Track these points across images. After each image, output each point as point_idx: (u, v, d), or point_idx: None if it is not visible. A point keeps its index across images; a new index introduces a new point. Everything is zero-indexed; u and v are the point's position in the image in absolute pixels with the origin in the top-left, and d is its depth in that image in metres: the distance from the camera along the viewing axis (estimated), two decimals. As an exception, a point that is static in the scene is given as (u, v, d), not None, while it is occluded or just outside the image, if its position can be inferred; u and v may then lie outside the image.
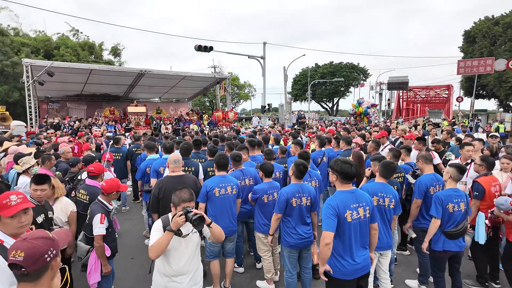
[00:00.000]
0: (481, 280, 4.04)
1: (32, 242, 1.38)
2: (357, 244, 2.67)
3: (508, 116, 24.87)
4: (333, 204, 2.60)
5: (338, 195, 2.67)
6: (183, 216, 2.32)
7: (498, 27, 34.23)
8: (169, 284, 2.54)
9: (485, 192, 3.82)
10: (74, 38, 32.24)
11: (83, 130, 12.66)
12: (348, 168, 2.63)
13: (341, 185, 2.71)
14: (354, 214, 2.62)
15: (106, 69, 16.81)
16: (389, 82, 30.78)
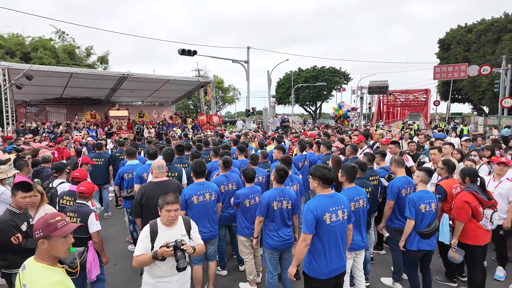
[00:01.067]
0: (450, 276, 4.31)
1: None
2: (335, 245, 2.81)
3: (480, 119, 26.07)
4: (312, 207, 2.74)
5: (317, 199, 2.82)
6: (172, 250, 2.44)
7: (471, 35, 35.86)
8: (158, 284, 2.62)
9: (447, 194, 4.08)
10: (60, 40, 31.52)
11: (63, 135, 12.41)
12: (328, 173, 2.80)
13: (322, 190, 2.85)
14: (333, 216, 2.76)
15: (88, 72, 16.54)
16: (369, 86, 31.60)
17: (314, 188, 2.92)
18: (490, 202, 3.70)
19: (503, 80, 24.68)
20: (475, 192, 3.66)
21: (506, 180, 4.33)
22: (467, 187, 3.73)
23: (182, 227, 2.75)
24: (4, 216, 2.96)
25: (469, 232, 3.70)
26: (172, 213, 2.60)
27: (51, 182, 4.36)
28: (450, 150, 5.74)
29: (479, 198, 3.64)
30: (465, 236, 3.73)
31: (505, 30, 31.47)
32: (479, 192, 3.67)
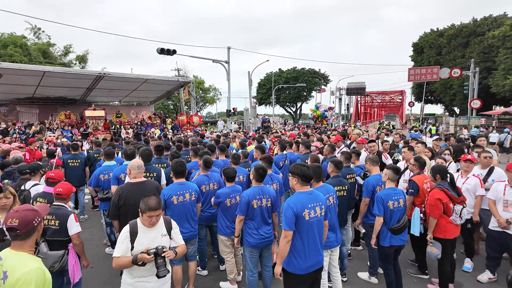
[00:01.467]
0: (422, 269, 4.52)
1: (23, 212, 1.94)
2: (314, 240, 2.89)
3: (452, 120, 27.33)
4: (291, 204, 2.81)
5: (296, 196, 2.90)
6: (152, 257, 2.41)
7: (442, 39, 37.51)
8: (137, 284, 2.59)
9: (419, 189, 4.29)
10: (35, 37, 30.23)
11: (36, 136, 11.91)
12: (307, 171, 2.89)
13: (301, 187, 2.93)
14: (312, 213, 2.84)
15: (62, 71, 15.90)
16: (347, 88, 32.36)
17: (294, 186, 2.99)
18: (460, 198, 3.91)
19: (471, 82, 25.99)
20: (446, 189, 3.85)
21: (473, 176, 4.59)
22: (439, 184, 3.92)
23: (163, 226, 2.72)
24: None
25: (440, 227, 3.90)
26: (154, 219, 2.57)
27: (22, 184, 4.19)
28: (422, 149, 5.99)
29: (450, 195, 3.84)
30: (436, 230, 3.93)
31: (474, 35, 33.16)
32: (450, 189, 3.88)
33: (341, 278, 4.22)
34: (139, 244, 2.53)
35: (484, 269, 4.41)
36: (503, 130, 16.51)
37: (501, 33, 25.74)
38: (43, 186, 3.96)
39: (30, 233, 1.95)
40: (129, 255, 2.51)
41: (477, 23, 33.98)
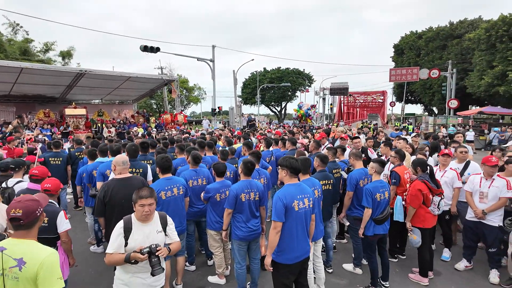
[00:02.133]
0: (392, 252, 4.81)
1: (25, 202, 1.97)
2: (302, 231, 2.98)
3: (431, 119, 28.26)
4: (281, 195, 2.89)
5: (285, 188, 2.99)
6: (146, 256, 2.36)
7: (421, 41, 38.69)
8: (131, 279, 2.55)
9: (401, 179, 4.50)
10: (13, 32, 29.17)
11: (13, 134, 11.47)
12: (295, 163, 3.00)
13: (289, 179, 3.02)
14: (301, 204, 2.94)
15: (41, 68, 15.35)
16: (331, 88, 32.90)
17: (283, 178, 3.06)
18: (439, 190, 4.11)
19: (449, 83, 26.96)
20: (426, 181, 4.05)
21: (450, 170, 4.82)
22: (420, 176, 4.12)
23: (158, 223, 2.66)
24: None
25: (419, 217, 4.10)
26: (146, 208, 2.48)
27: (3, 181, 4.06)
28: (404, 145, 6.20)
29: (430, 186, 4.04)
30: (415, 220, 4.13)
31: (451, 38, 34.40)
32: (430, 181, 4.07)
33: (327, 270, 4.36)
34: (133, 240, 2.47)
35: (461, 258, 4.63)
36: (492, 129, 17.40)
37: (476, 35, 26.82)
38: (27, 183, 3.85)
39: (34, 222, 1.98)
40: (123, 251, 2.46)
41: (453, 26, 35.28)
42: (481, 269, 4.49)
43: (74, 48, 33.12)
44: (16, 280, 1.82)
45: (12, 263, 1.84)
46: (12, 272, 1.83)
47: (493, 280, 4.19)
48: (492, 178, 4.27)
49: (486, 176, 4.33)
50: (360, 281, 4.26)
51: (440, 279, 4.31)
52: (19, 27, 29.72)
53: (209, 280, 4.26)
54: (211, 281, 4.24)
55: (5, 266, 1.84)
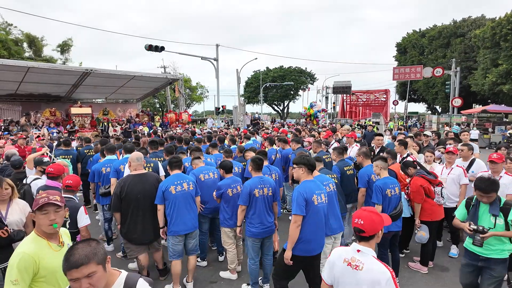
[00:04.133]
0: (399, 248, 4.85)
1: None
2: (321, 225, 3.09)
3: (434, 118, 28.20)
4: (302, 190, 3.01)
5: (304, 183, 3.11)
6: None
7: (424, 39, 38.56)
8: None
9: (397, 175, 4.60)
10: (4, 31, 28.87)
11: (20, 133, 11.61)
12: (312, 160, 3.17)
13: (307, 176, 3.14)
14: (319, 198, 3.06)
15: (47, 67, 15.46)
16: (334, 87, 32.79)
17: (300, 175, 3.17)
18: (437, 180, 4.27)
19: (453, 81, 26.87)
20: (423, 174, 4.20)
21: (456, 167, 4.88)
22: (417, 172, 4.28)
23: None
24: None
25: (426, 211, 4.26)
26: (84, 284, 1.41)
27: (20, 178, 4.17)
28: (411, 143, 6.26)
29: (428, 178, 4.21)
30: (424, 214, 4.28)
31: (454, 36, 34.25)
32: (426, 174, 4.20)
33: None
34: None
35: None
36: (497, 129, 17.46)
37: (481, 33, 26.70)
38: (44, 180, 3.95)
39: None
40: None
41: (456, 24, 35.14)
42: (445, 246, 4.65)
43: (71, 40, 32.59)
44: None
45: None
46: None
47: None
48: (500, 175, 4.32)
49: (493, 173, 4.38)
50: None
51: (448, 275, 4.37)
52: (12, 26, 29.21)
53: (220, 275, 4.33)
54: (223, 276, 4.31)
55: None
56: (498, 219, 3.05)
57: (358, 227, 1.95)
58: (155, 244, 4.13)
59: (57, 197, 2.12)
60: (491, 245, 3.07)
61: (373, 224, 1.93)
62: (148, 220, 3.86)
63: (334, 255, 2.09)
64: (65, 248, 2.12)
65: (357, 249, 1.97)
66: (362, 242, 1.99)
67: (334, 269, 2.06)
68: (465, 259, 3.32)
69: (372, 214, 1.98)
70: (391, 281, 1.86)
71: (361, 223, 1.94)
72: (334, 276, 2.06)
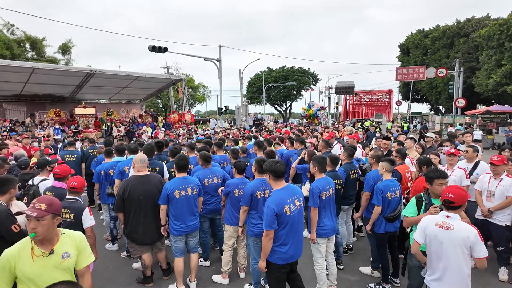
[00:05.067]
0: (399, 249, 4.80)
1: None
2: (296, 232, 3.07)
3: (437, 118, 28.12)
4: (271, 204, 2.91)
5: (274, 195, 3.00)
6: None
7: (427, 40, 38.39)
8: None
9: (402, 177, 4.63)
10: (8, 33, 29.13)
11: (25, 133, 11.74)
12: (280, 166, 3.03)
13: (275, 183, 3.07)
14: (292, 207, 2.99)
15: (51, 68, 15.64)
16: (336, 87, 32.72)
17: (269, 182, 3.15)
18: None
19: (456, 82, 26.78)
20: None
21: (458, 169, 4.90)
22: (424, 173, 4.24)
23: None
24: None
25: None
26: None
27: (26, 179, 4.24)
28: (411, 144, 6.28)
29: None
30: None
31: (458, 36, 34.08)
32: None
33: (338, 266, 4.46)
34: None
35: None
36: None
37: (486, 32, 26.55)
38: (51, 181, 4.03)
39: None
40: None
41: (460, 24, 34.94)
42: (490, 267, 4.54)
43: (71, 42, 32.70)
44: None
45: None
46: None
47: (502, 278, 4.28)
48: (501, 178, 4.35)
49: (495, 175, 4.41)
50: (371, 277, 4.36)
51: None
52: (15, 27, 29.39)
53: (213, 279, 4.33)
54: (215, 280, 4.31)
55: None
56: None
57: (449, 199, 2.59)
58: (158, 244, 4.19)
59: (42, 205, 2.03)
60: None
61: (461, 197, 2.58)
62: (150, 221, 3.93)
63: (425, 221, 2.73)
64: (49, 258, 2.06)
65: (446, 215, 2.61)
66: (451, 210, 2.60)
67: (426, 231, 2.70)
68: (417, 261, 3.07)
69: (459, 189, 2.64)
70: (477, 236, 2.49)
71: (451, 196, 2.58)
72: (426, 236, 2.69)
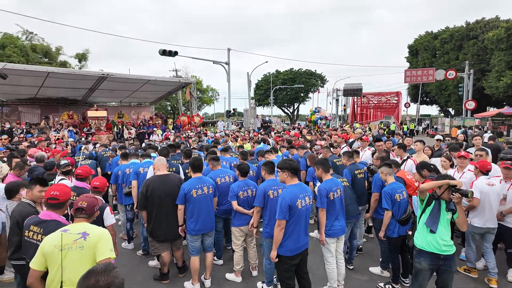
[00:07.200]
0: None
1: (90, 198, 2.56)
2: (304, 225, 3.34)
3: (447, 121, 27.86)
4: (286, 196, 3.22)
5: (288, 189, 3.31)
6: None
7: (437, 41, 38.07)
8: None
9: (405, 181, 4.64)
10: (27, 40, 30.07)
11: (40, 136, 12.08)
12: (295, 164, 3.39)
13: (291, 180, 3.37)
14: (303, 202, 3.28)
15: (66, 72, 16.05)
16: (344, 89, 32.76)
17: (284, 180, 3.41)
18: None
19: (466, 84, 26.52)
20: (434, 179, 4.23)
21: (468, 171, 4.95)
22: (430, 176, 4.32)
23: None
24: (25, 208, 3.08)
25: None
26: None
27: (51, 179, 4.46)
28: (421, 147, 6.33)
29: None
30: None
31: (467, 38, 33.74)
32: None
33: (348, 266, 4.56)
34: None
35: (481, 257, 4.76)
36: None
37: (495, 35, 26.29)
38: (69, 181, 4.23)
39: (92, 214, 2.54)
40: None
41: (469, 26, 34.60)
42: (500, 268, 4.59)
43: (89, 51, 33.98)
44: (81, 249, 2.22)
45: (76, 237, 2.25)
46: (77, 243, 2.22)
47: (511, 279, 4.32)
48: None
49: (505, 178, 4.46)
50: (381, 277, 4.45)
51: (460, 277, 4.45)
52: (33, 34, 30.46)
53: (226, 277, 4.47)
54: (228, 278, 4.46)
55: (67, 242, 2.22)
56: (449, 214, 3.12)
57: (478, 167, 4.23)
58: (177, 242, 4.36)
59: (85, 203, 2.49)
60: (448, 241, 3.11)
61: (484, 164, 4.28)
62: (173, 217, 4.12)
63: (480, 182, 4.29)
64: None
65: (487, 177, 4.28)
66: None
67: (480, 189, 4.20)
68: (425, 262, 3.13)
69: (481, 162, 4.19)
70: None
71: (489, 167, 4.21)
72: (481, 192, 4.17)
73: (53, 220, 2.60)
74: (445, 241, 3.09)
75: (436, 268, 3.15)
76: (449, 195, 3.04)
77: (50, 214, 2.62)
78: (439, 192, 3.10)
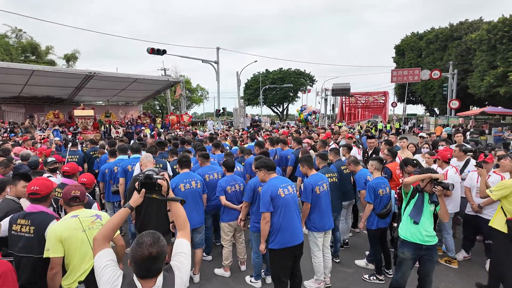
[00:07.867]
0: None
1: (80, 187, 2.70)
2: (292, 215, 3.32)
3: (432, 120, 28.53)
4: (266, 189, 3.29)
5: (268, 182, 3.40)
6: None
7: (422, 42, 38.90)
8: None
9: (392, 174, 4.85)
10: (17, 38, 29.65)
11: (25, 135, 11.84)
12: (269, 162, 3.47)
13: (269, 176, 3.43)
14: (285, 190, 3.33)
15: (51, 70, 15.78)
16: (333, 89, 33.01)
17: (263, 178, 3.47)
18: None
19: (450, 84, 27.22)
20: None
21: (450, 167, 5.12)
22: (415, 171, 4.45)
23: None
24: (9, 204, 3.03)
25: None
26: None
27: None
28: (406, 143, 6.50)
29: None
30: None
31: (451, 39, 34.60)
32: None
33: (334, 260, 4.67)
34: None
35: (460, 249, 4.94)
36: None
37: (477, 36, 27.05)
38: (59, 179, 4.19)
39: (83, 201, 2.70)
40: None
41: (453, 27, 35.47)
42: (479, 259, 4.80)
43: (78, 51, 33.65)
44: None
45: (91, 219, 2.54)
46: (96, 223, 2.52)
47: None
48: (488, 174, 4.58)
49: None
50: (366, 270, 4.58)
51: (441, 268, 4.61)
52: (22, 32, 30.16)
53: (215, 272, 4.52)
54: (217, 273, 4.50)
55: (86, 223, 2.49)
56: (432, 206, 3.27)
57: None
58: (166, 238, 4.35)
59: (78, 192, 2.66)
60: (430, 232, 3.25)
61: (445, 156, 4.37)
62: (162, 212, 4.07)
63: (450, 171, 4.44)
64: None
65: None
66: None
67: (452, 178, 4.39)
68: (408, 252, 3.28)
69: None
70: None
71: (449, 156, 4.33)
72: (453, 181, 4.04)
73: (40, 211, 2.60)
74: (427, 231, 3.23)
75: (419, 257, 3.30)
76: (431, 188, 3.17)
77: (36, 207, 2.62)
78: (422, 185, 3.23)
